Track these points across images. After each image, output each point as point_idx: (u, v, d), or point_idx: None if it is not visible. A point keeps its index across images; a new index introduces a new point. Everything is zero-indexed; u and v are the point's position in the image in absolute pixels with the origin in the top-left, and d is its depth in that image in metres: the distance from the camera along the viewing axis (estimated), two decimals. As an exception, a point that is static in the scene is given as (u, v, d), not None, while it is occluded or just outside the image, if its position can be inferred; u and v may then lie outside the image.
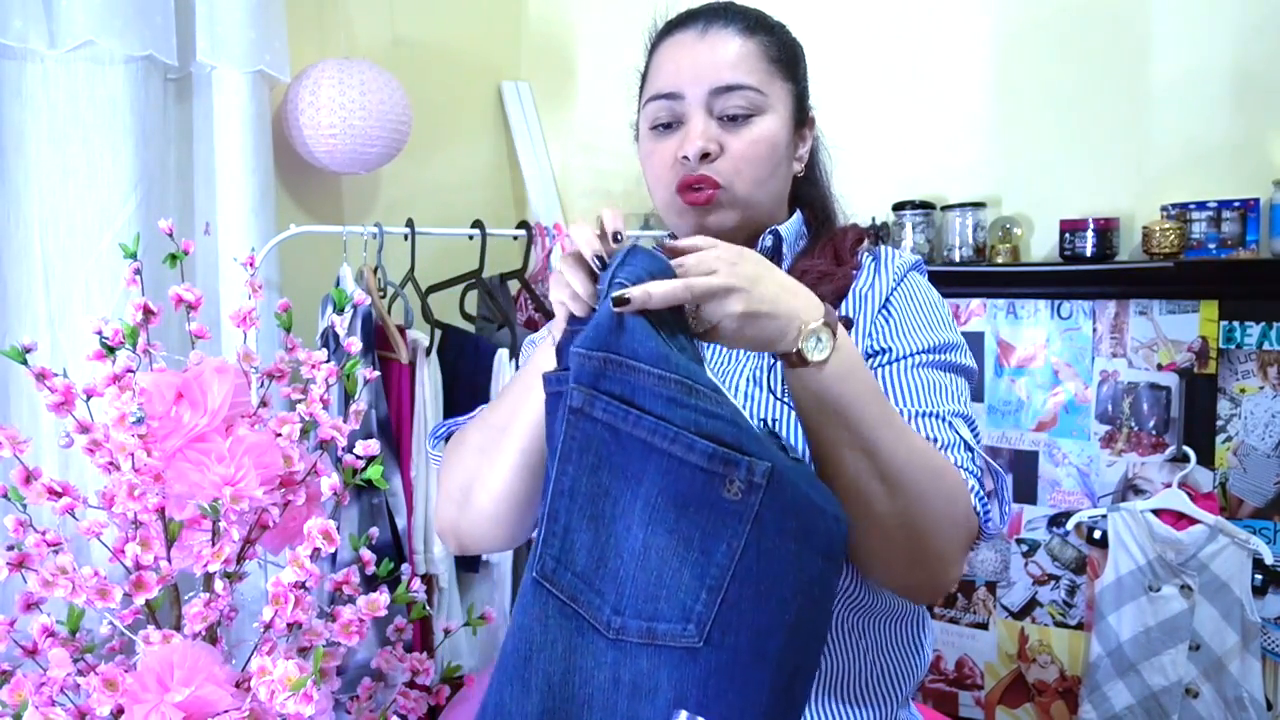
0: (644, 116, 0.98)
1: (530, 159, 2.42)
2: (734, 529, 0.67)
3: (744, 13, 0.97)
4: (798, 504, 0.67)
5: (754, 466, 0.66)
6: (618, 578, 0.70)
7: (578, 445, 0.71)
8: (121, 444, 0.99)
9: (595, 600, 0.71)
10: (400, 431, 1.69)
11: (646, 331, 0.68)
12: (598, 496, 0.71)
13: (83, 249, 1.42)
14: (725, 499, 0.67)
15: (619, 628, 0.70)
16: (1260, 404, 1.70)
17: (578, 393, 0.70)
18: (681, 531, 0.68)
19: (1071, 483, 1.88)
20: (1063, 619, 1.89)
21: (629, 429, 0.69)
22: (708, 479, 0.67)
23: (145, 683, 0.90)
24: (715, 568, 0.67)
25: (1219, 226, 1.75)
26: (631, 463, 0.69)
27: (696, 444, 0.67)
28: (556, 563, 0.71)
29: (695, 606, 0.67)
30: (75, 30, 1.37)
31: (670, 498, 0.68)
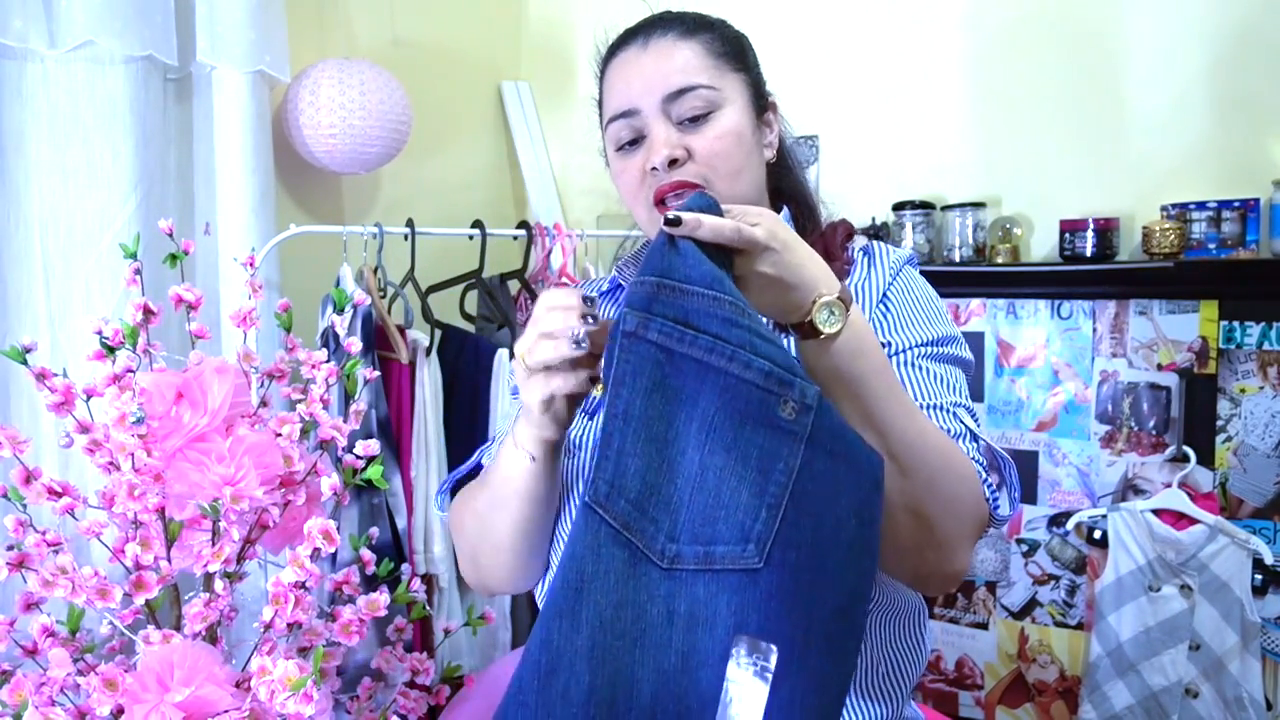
0: (607, 139, 0.98)
1: (530, 159, 2.42)
2: (790, 448, 0.68)
3: (680, 17, 0.98)
4: (843, 431, 0.68)
5: (805, 389, 0.68)
6: (671, 504, 0.70)
7: (631, 368, 0.70)
8: (121, 444, 0.99)
9: (649, 528, 0.70)
10: (400, 431, 1.69)
11: (699, 256, 0.69)
12: (652, 420, 0.70)
13: (83, 249, 1.42)
14: (781, 418, 0.68)
15: (674, 555, 0.69)
16: (1260, 404, 1.70)
17: (631, 317, 0.70)
18: (739, 449, 0.69)
19: (1071, 483, 1.88)
20: (1063, 619, 1.89)
21: (685, 349, 0.69)
22: (764, 397, 0.68)
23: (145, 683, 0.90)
24: (774, 485, 0.67)
25: (1219, 226, 1.75)
26: (687, 383, 0.70)
27: (754, 362, 0.68)
28: (610, 488, 0.70)
29: (755, 526, 0.67)
30: (75, 30, 1.37)
31: (728, 415, 0.69)
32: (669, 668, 0.68)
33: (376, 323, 1.65)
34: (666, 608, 0.69)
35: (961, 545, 0.81)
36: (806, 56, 2.16)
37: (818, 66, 2.16)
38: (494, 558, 0.94)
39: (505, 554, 0.93)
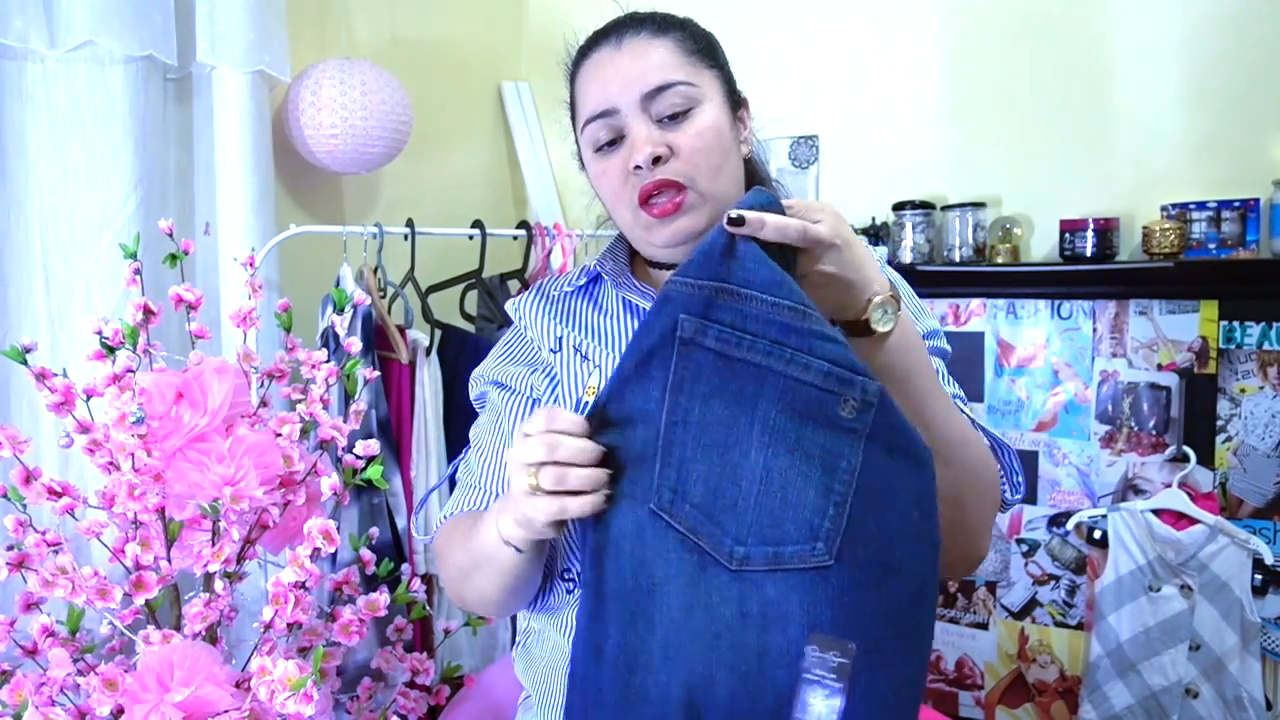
0: (584, 141, 0.97)
1: (530, 159, 2.42)
2: (852, 445, 0.69)
3: (650, 17, 0.97)
4: (903, 426, 0.69)
5: (867, 386, 0.68)
6: (736, 507, 0.71)
7: (689, 374, 0.71)
8: (121, 444, 0.99)
9: (715, 532, 0.71)
10: (400, 431, 1.69)
11: (759, 258, 0.69)
12: (712, 425, 0.72)
13: (83, 249, 1.42)
14: (842, 417, 0.68)
15: (742, 558, 0.70)
16: (1260, 404, 1.70)
17: (688, 322, 0.71)
18: (803, 449, 0.70)
19: (1071, 483, 1.88)
20: (1063, 619, 1.89)
21: (743, 354, 0.70)
22: (824, 397, 0.69)
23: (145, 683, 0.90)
24: (839, 483, 0.68)
25: (1219, 226, 1.75)
26: (746, 388, 0.70)
27: (814, 364, 0.69)
28: (674, 494, 0.72)
29: (823, 524, 0.68)
30: (75, 30, 1.37)
31: (790, 417, 0.70)
32: (746, 668, 0.70)
33: (376, 323, 1.65)
34: (739, 609, 0.70)
35: (985, 530, 0.84)
36: (806, 57, 2.16)
37: (818, 66, 2.16)
38: (480, 606, 0.98)
39: (491, 605, 0.96)
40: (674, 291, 0.72)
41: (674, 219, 0.92)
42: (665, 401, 0.72)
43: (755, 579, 0.70)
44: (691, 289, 0.71)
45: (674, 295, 0.72)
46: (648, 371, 0.73)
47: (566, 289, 1.05)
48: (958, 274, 1.94)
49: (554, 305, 1.04)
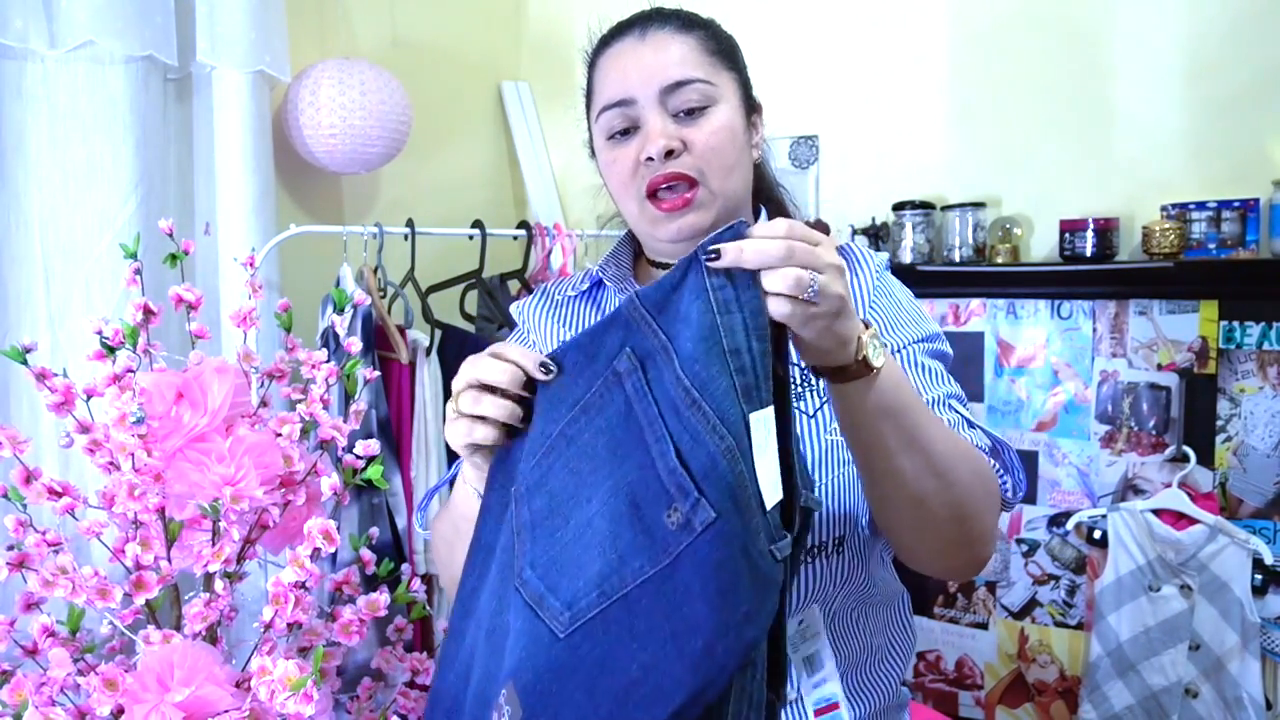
0: (598, 129, 0.98)
1: (530, 159, 2.42)
2: (654, 556, 0.63)
3: (676, 13, 0.98)
4: (722, 577, 0.60)
5: (699, 507, 0.61)
6: (553, 536, 0.69)
7: (598, 404, 0.70)
8: (121, 444, 0.99)
9: (526, 546, 0.71)
10: (400, 431, 1.69)
11: (701, 333, 0.64)
12: (587, 457, 0.70)
13: (83, 249, 1.42)
14: (663, 522, 0.63)
15: (523, 580, 0.70)
16: (1260, 404, 1.70)
17: (624, 361, 0.69)
18: (617, 527, 0.65)
19: (1071, 483, 1.88)
20: (1063, 619, 1.89)
21: (640, 410, 0.67)
22: (659, 494, 0.64)
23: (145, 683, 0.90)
24: (617, 578, 0.64)
25: (1219, 226, 1.75)
26: (628, 441, 0.68)
27: (669, 457, 0.64)
28: (528, 490, 0.72)
29: (581, 599, 0.65)
30: (75, 30, 1.37)
31: (628, 492, 0.66)
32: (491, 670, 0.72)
33: (376, 323, 1.65)
34: (505, 621, 0.71)
35: (990, 536, 0.84)
36: (806, 56, 2.16)
37: (818, 66, 2.16)
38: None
39: None
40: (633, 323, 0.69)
41: (682, 214, 0.92)
42: (572, 412, 0.71)
43: (519, 605, 0.69)
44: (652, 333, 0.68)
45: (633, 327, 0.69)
46: (577, 378, 0.72)
47: (570, 293, 1.06)
48: (958, 274, 1.95)
49: (557, 309, 1.05)
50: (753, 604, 0.60)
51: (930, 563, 0.86)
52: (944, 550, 0.83)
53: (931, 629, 2.01)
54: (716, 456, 0.62)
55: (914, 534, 0.81)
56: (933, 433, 0.76)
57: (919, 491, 0.76)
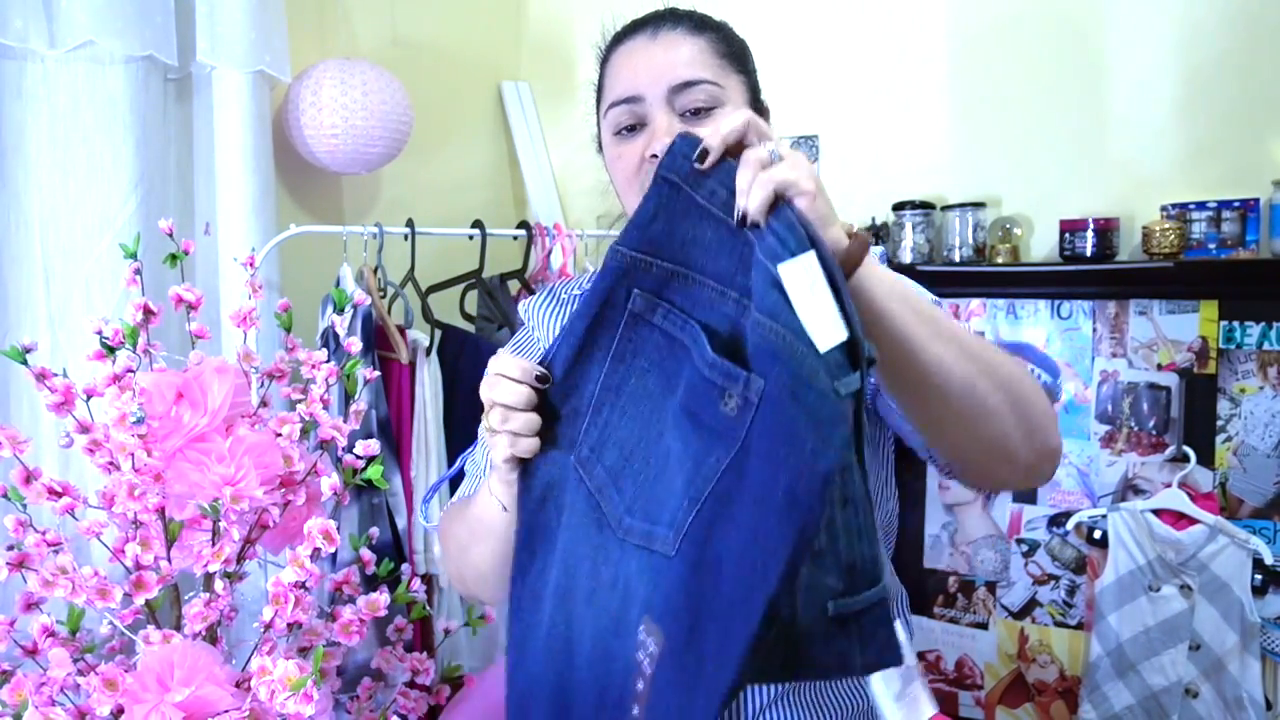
0: (606, 124, 0.99)
1: (530, 159, 2.42)
2: (725, 445, 0.65)
3: (689, 14, 0.99)
4: (784, 431, 0.61)
5: (751, 382, 0.64)
6: (639, 479, 0.72)
7: (632, 348, 0.73)
8: (121, 444, 0.99)
9: (615, 497, 0.73)
10: (400, 431, 1.69)
11: (720, 248, 0.68)
12: (641, 398, 0.73)
13: (83, 249, 1.42)
14: (722, 413, 0.66)
15: (627, 528, 0.71)
16: (1260, 404, 1.70)
17: (640, 298, 0.72)
18: (688, 438, 0.69)
19: (1071, 483, 1.88)
20: (1063, 619, 1.89)
21: (684, 339, 0.70)
22: (710, 390, 0.67)
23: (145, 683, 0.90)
24: (700, 480, 0.67)
25: (1219, 226, 1.75)
26: (680, 371, 0.71)
27: (705, 352, 0.67)
28: (591, 452, 0.74)
29: (678, 514, 0.68)
30: (75, 30, 1.37)
31: (684, 407, 0.69)
32: (603, 629, 0.72)
33: (376, 323, 1.65)
34: (613, 574, 0.72)
35: (1054, 420, 0.82)
36: (806, 56, 2.16)
37: (817, 66, 2.16)
38: (478, 583, 0.98)
39: (489, 579, 0.96)
40: (630, 265, 0.72)
41: None
42: (605, 366, 0.74)
43: (630, 550, 0.71)
44: (654, 266, 0.72)
45: (631, 269, 0.72)
46: (596, 337, 0.75)
47: (575, 291, 1.07)
48: (957, 274, 1.94)
49: (563, 307, 1.06)
50: (817, 439, 0.59)
51: (1007, 463, 0.81)
52: (1014, 445, 0.79)
53: (931, 629, 2.01)
54: (753, 328, 0.64)
55: (979, 432, 0.77)
56: (955, 324, 0.76)
57: (964, 378, 0.74)
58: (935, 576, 2.00)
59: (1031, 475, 0.85)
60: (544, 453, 0.78)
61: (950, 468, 0.87)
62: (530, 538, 0.81)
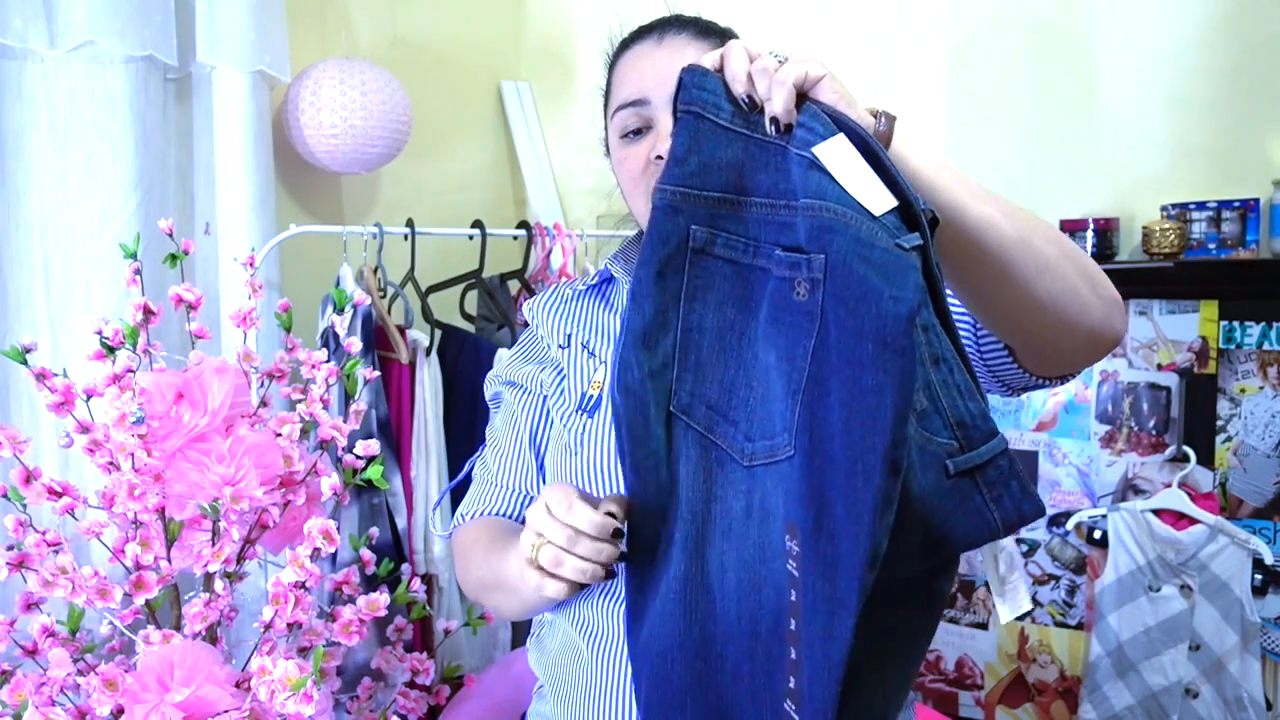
0: (613, 127, 1.00)
1: (530, 159, 2.42)
2: (806, 329, 0.66)
3: (695, 20, 1.01)
4: (856, 290, 0.61)
5: (812, 262, 0.64)
6: (748, 405, 0.72)
7: (702, 283, 0.73)
8: (121, 444, 0.99)
9: (730, 430, 0.72)
10: (400, 431, 1.69)
11: (755, 166, 0.69)
12: (725, 330, 0.73)
13: (83, 249, 1.42)
14: (796, 301, 0.66)
15: (751, 453, 0.71)
16: (1260, 404, 1.70)
17: (700, 232, 0.72)
18: (777, 343, 0.69)
19: (1071, 483, 1.88)
20: (1063, 619, 1.89)
21: (749, 260, 0.71)
22: (781, 285, 0.68)
23: (145, 683, 0.90)
24: (796, 372, 0.67)
25: (1219, 226, 1.75)
26: (754, 292, 0.71)
27: (774, 255, 0.68)
28: (691, 396, 0.74)
29: (787, 414, 0.68)
30: (75, 30, 1.37)
31: (768, 317, 0.70)
32: (749, 558, 0.72)
33: (376, 323, 1.65)
34: (746, 502, 0.72)
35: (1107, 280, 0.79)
36: (806, 56, 2.16)
37: (818, 66, 2.16)
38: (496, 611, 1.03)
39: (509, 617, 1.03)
40: (678, 201, 0.73)
41: None
42: (680, 309, 0.74)
43: (759, 473, 0.71)
44: (697, 199, 0.72)
45: (681, 206, 0.73)
46: (664, 283, 0.74)
47: (580, 288, 1.07)
48: (958, 274, 1.94)
49: (565, 304, 1.06)
50: (892, 287, 0.60)
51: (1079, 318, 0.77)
52: (1084, 296, 0.75)
53: (931, 629, 2.02)
54: (802, 215, 0.65)
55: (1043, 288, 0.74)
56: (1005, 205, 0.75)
57: (1017, 232, 0.73)
58: (935, 576, 2.00)
59: (1104, 331, 0.80)
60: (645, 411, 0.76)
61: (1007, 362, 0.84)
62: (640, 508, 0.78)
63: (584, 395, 0.98)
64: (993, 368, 0.87)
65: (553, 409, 1.01)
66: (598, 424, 0.95)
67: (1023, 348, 0.83)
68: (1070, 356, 0.83)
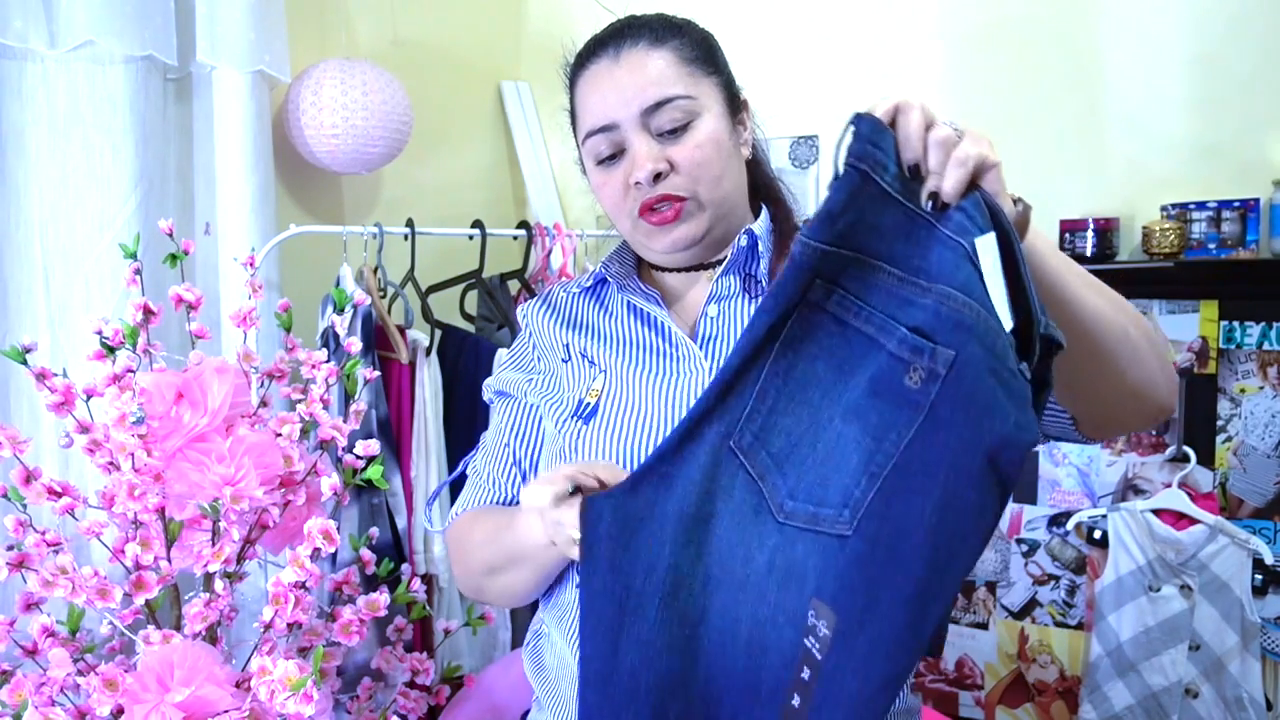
0: (585, 152, 0.98)
1: (530, 159, 2.42)
2: (908, 417, 0.65)
3: (648, 24, 0.97)
4: (979, 399, 0.61)
5: (938, 354, 0.63)
6: (804, 465, 0.71)
7: (802, 333, 0.72)
8: (121, 444, 0.99)
9: (779, 483, 0.72)
10: (400, 431, 1.69)
11: (896, 234, 0.68)
12: (809, 384, 0.72)
13: (83, 249, 1.42)
14: (907, 387, 0.65)
15: (789, 511, 0.71)
16: (1260, 404, 1.70)
17: (820, 288, 0.71)
18: (864, 417, 0.68)
19: (1071, 483, 1.88)
20: (1063, 619, 1.89)
21: (859, 324, 0.70)
22: (894, 365, 0.66)
23: (145, 683, 0.90)
24: (881, 454, 0.66)
25: (1219, 226, 1.75)
26: (853, 356, 0.70)
27: (896, 330, 0.66)
28: (755, 439, 0.73)
29: (854, 491, 0.67)
30: (75, 30, 1.37)
31: (866, 387, 0.68)
32: (762, 617, 0.71)
33: (376, 323, 1.65)
34: (770, 559, 0.71)
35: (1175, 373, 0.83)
36: (805, 57, 2.16)
37: (817, 67, 2.16)
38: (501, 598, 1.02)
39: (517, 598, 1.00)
40: (819, 261, 0.70)
41: (673, 227, 0.94)
42: (774, 351, 0.73)
43: (791, 534, 0.70)
44: (835, 257, 0.70)
45: (820, 266, 0.70)
46: (769, 323, 0.73)
47: (574, 290, 1.06)
48: (958, 274, 1.94)
49: (559, 311, 1.06)
50: (1020, 413, 0.59)
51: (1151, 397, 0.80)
52: (1159, 381, 0.80)
53: (931, 629, 2.02)
54: (940, 302, 0.64)
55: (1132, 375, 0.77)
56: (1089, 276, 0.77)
57: (1119, 325, 0.75)
58: (935, 576, 2.00)
59: (1166, 408, 0.84)
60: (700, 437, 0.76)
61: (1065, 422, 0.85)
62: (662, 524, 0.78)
63: (581, 402, 0.97)
64: (1045, 424, 0.87)
65: (548, 415, 1.01)
66: (593, 431, 0.94)
67: (1089, 419, 0.84)
68: (1126, 425, 0.87)
